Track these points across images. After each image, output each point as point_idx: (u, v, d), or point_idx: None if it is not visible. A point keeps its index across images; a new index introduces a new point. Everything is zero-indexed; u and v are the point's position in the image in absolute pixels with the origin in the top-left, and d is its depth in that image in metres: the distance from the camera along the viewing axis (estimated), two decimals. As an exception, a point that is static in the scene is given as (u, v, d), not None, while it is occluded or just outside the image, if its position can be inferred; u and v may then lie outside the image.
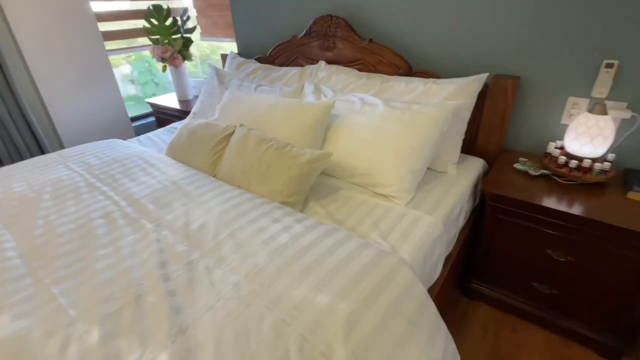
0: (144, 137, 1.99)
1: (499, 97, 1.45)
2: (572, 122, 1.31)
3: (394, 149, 1.30)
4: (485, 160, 1.59)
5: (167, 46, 2.41)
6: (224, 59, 2.40)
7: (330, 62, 1.88)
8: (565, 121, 1.43)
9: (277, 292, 0.82)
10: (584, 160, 1.27)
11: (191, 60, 2.62)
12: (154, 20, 2.41)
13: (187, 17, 2.53)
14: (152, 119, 2.98)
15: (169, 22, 2.46)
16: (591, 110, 1.24)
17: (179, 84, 2.61)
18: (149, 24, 2.41)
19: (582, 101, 1.37)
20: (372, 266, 0.90)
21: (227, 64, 2.23)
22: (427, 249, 1.10)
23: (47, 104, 2.21)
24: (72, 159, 1.59)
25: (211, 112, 1.95)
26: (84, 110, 2.41)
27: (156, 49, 2.40)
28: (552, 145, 1.38)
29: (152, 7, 2.38)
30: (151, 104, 2.72)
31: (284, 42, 2.06)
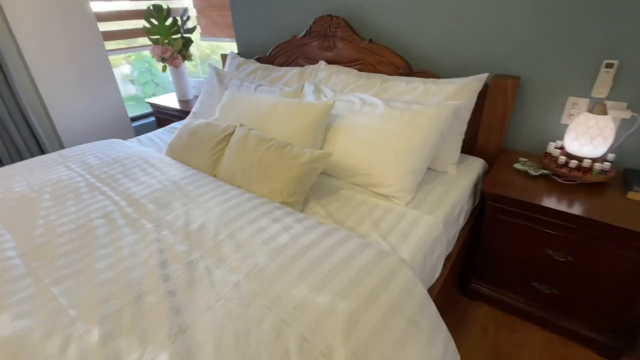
0: (144, 137, 1.98)
1: (499, 97, 1.45)
2: (572, 122, 1.31)
3: (394, 149, 1.30)
4: (485, 160, 1.59)
5: (167, 46, 2.41)
6: (224, 59, 2.40)
7: (330, 62, 1.88)
8: (565, 121, 1.44)
9: (277, 292, 0.82)
10: (584, 160, 1.27)
11: (191, 60, 2.62)
12: (153, 20, 2.41)
13: (187, 17, 2.52)
14: (152, 119, 2.98)
15: (169, 22, 2.46)
16: (591, 110, 1.24)
17: (179, 84, 2.61)
18: (148, 24, 2.41)
19: (582, 101, 1.37)
20: (372, 266, 0.90)
21: (227, 64, 2.23)
22: (427, 249, 1.10)
23: (47, 104, 2.21)
24: (72, 159, 1.59)
25: (211, 112, 1.95)
26: (84, 110, 2.41)
27: (156, 49, 2.40)
28: (552, 145, 1.38)
29: (152, 7, 2.38)
30: (151, 104, 2.72)
31: (284, 42, 2.06)
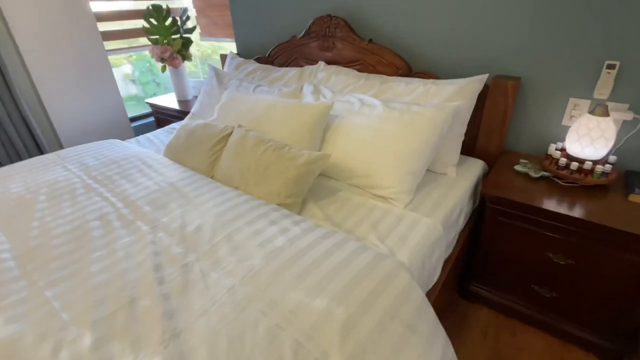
0: (142, 137, 1.98)
1: (499, 98, 1.44)
2: (574, 124, 1.29)
3: (393, 151, 1.29)
4: (485, 161, 1.57)
5: (166, 46, 2.40)
6: (223, 59, 2.39)
7: (329, 63, 1.86)
8: (566, 122, 1.42)
9: (273, 296, 0.81)
10: (585, 162, 1.25)
11: (190, 60, 2.61)
12: (153, 20, 2.40)
13: (186, 17, 2.52)
14: (152, 119, 2.97)
15: (168, 22, 2.45)
16: (592, 111, 1.23)
17: (179, 84, 2.60)
18: (148, 24, 2.40)
19: (584, 102, 1.36)
20: (369, 270, 0.89)
21: (227, 64, 2.22)
22: (425, 252, 1.08)
23: (46, 104, 2.20)
24: (70, 160, 1.58)
25: (210, 113, 1.94)
26: (83, 110, 2.40)
27: (155, 49, 2.39)
28: (553, 146, 1.36)
29: (151, 7, 2.37)
30: (150, 104, 2.71)
31: (283, 43, 2.05)
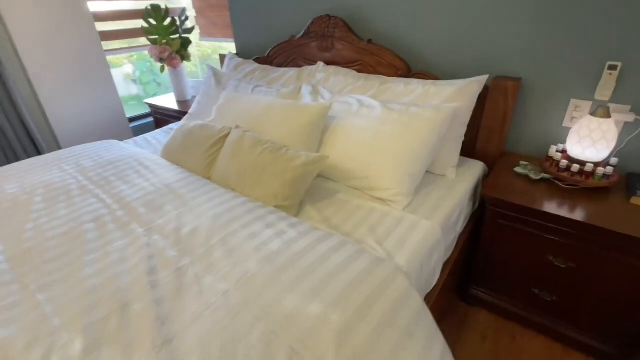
0: (140, 138, 1.97)
1: (499, 99, 1.42)
2: (575, 125, 1.28)
3: (392, 152, 1.28)
4: (485, 163, 1.56)
5: (165, 46, 2.39)
6: (223, 59, 2.38)
7: (329, 63, 1.85)
8: (567, 124, 1.40)
9: (267, 301, 0.79)
10: (586, 164, 1.24)
11: (190, 60, 2.60)
12: (152, 20, 2.40)
13: (185, 17, 2.51)
14: (151, 119, 2.96)
15: (167, 22, 2.44)
16: (594, 113, 1.21)
17: (178, 85, 2.59)
18: (147, 24, 2.39)
19: (585, 104, 1.34)
20: (366, 274, 0.87)
21: (225, 64, 2.21)
22: (424, 255, 1.07)
23: (44, 105, 2.20)
24: (67, 161, 1.57)
25: (208, 113, 1.93)
26: (81, 111, 2.40)
27: (154, 49, 2.38)
28: (554, 148, 1.35)
29: (150, 7, 2.36)
30: (149, 105, 2.70)
31: (282, 43, 2.04)
